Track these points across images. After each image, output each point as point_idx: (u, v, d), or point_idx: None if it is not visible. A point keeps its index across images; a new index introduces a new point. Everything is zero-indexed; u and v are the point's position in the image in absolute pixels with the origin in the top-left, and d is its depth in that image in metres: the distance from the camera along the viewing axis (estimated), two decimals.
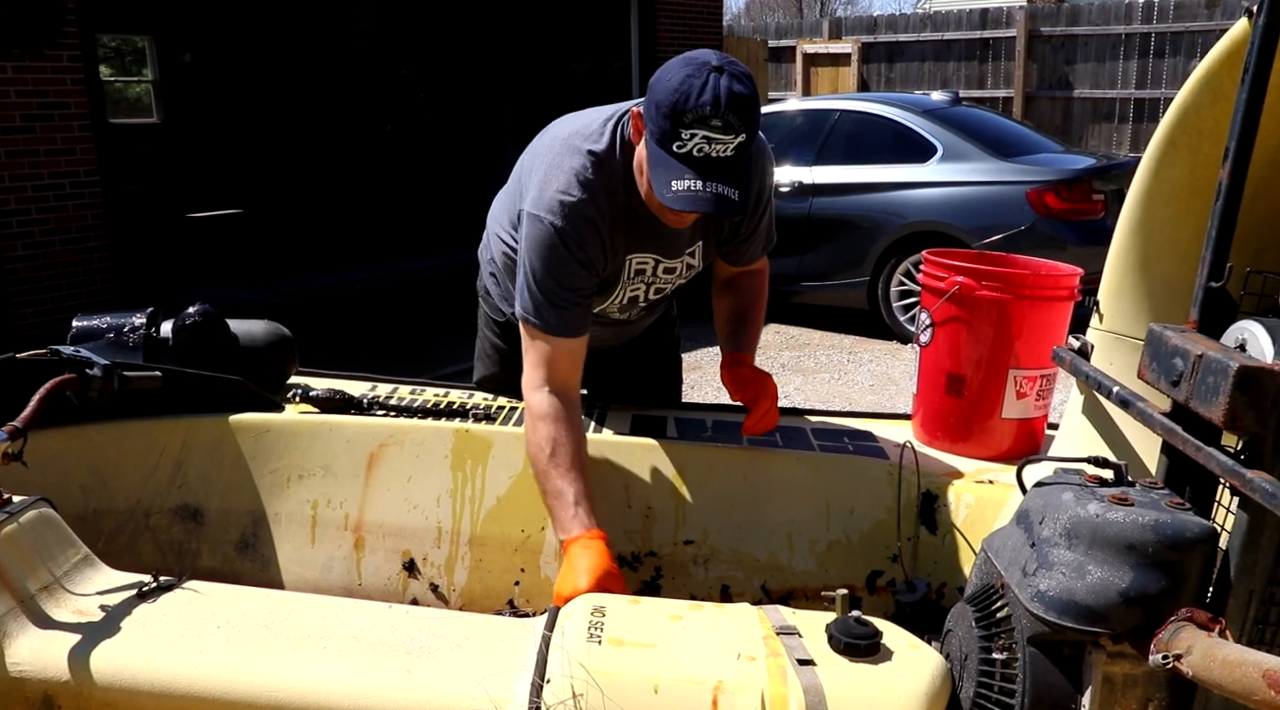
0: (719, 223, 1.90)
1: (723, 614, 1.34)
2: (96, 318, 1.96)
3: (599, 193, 1.73)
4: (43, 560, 1.33)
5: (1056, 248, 6.03)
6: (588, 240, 1.73)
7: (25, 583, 1.28)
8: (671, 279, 1.94)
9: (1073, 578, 1.20)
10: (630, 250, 1.83)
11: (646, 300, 1.97)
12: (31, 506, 1.37)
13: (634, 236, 1.81)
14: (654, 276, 1.91)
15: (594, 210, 1.73)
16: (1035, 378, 1.89)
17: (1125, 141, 12.76)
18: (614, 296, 1.90)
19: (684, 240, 1.88)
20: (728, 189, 1.57)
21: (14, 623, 1.23)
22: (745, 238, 1.97)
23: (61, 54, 6.33)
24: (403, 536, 1.82)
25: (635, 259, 1.85)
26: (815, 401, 5.70)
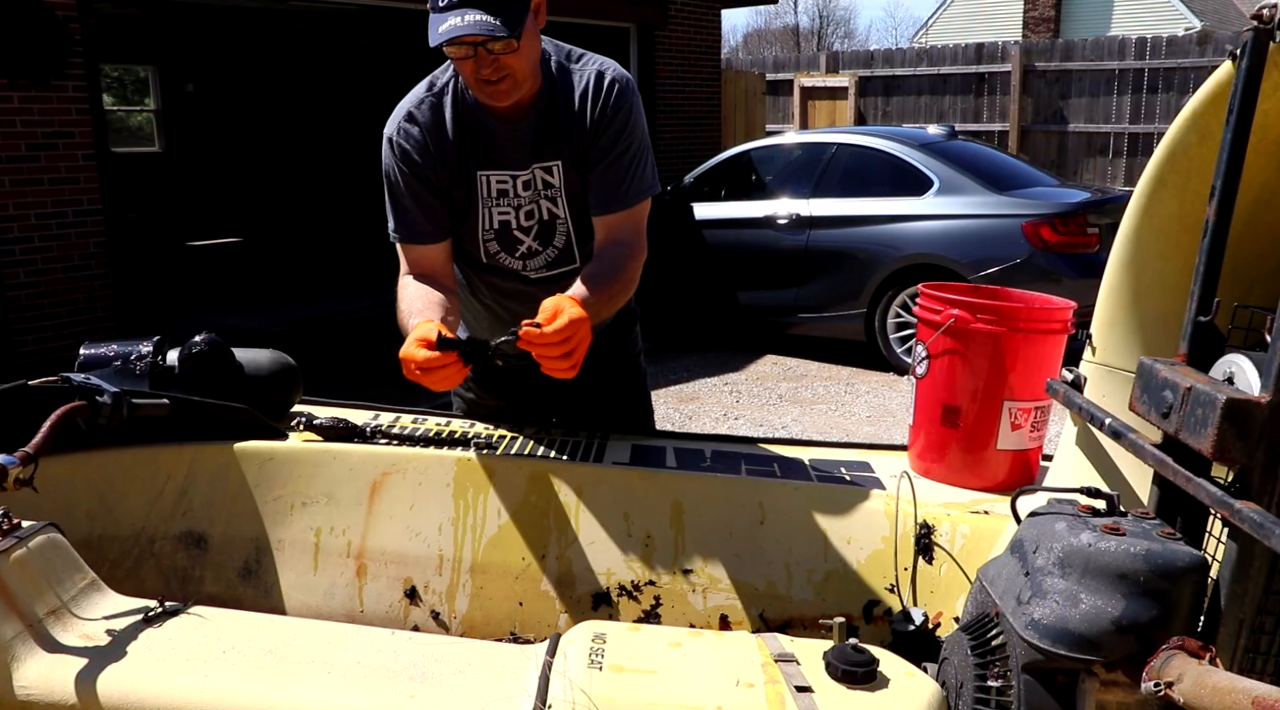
0: (567, 136, 1.94)
1: (722, 641, 1.36)
2: (104, 345, 1.99)
3: (435, 105, 1.93)
4: (51, 585, 1.35)
5: (1052, 280, 6.09)
6: (418, 149, 1.92)
7: (33, 607, 1.30)
8: (536, 201, 1.99)
9: (1066, 606, 1.22)
10: (479, 166, 1.95)
11: (528, 237, 2.02)
12: (40, 531, 1.39)
13: (478, 151, 1.94)
14: (517, 197, 1.98)
15: (428, 118, 1.92)
16: (1030, 409, 1.91)
17: (1119, 175, 12.87)
18: (481, 220, 1.99)
19: (528, 151, 1.95)
20: (482, 14, 1.71)
21: (22, 646, 1.24)
22: (594, 159, 1.95)
23: (67, 84, 6.41)
24: (405, 564, 1.83)
25: (490, 176, 1.96)
26: (813, 432, 5.72)
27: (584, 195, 1.99)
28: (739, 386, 6.73)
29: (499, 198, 1.98)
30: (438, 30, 1.73)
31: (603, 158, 1.95)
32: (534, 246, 2.04)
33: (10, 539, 1.35)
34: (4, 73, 6.14)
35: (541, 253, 2.05)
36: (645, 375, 2.42)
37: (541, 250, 2.05)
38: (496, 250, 2.03)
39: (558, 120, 1.94)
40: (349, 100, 13.09)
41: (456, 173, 1.95)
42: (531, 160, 1.96)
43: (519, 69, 1.82)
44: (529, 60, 1.85)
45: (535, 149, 1.95)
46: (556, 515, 1.84)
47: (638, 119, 1.98)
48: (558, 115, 1.94)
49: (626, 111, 1.95)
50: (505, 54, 1.77)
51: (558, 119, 1.94)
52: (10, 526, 1.37)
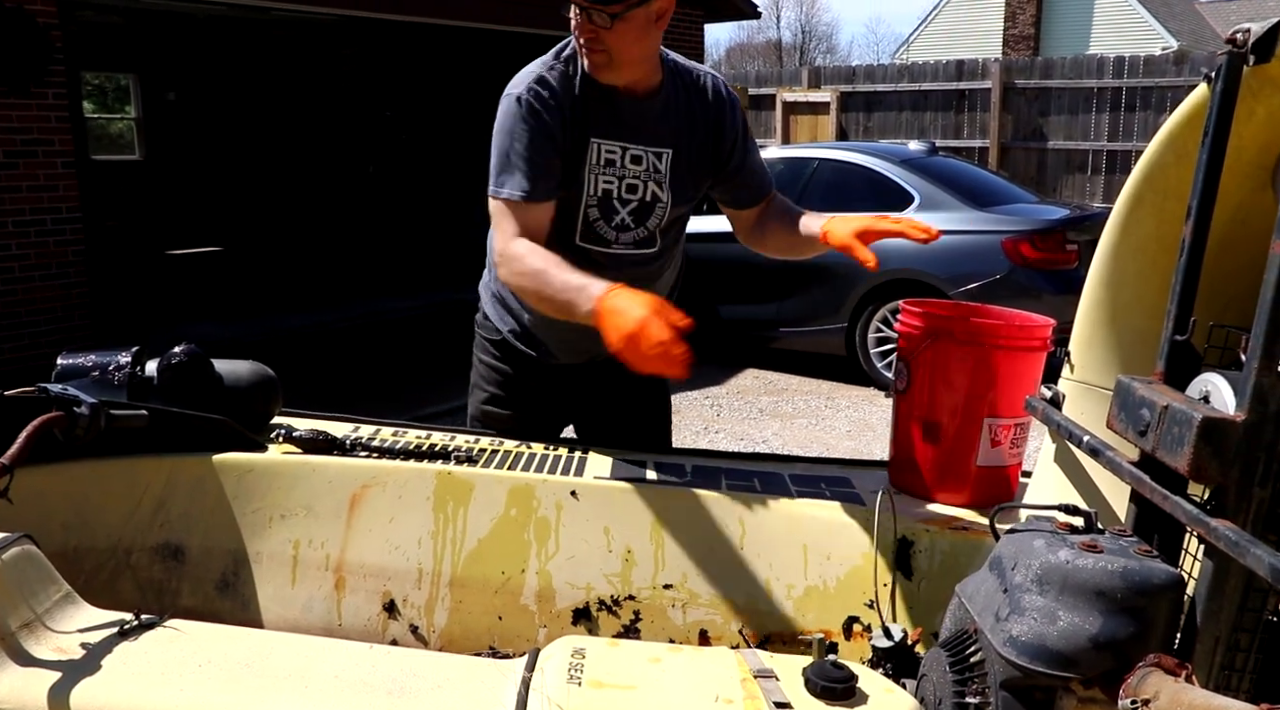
0: (689, 130, 2.11)
1: (701, 657, 1.35)
2: (81, 355, 1.97)
3: (555, 74, 2.01)
4: (24, 597, 1.33)
5: (1031, 296, 6.13)
6: (548, 109, 1.97)
7: (6, 620, 1.28)
8: (643, 179, 2.09)
9: (1044, 623, 1.23)
10: (596, 133, 2.03)
11: (624, 209, 2.09)
12: (14, 543, 1.37)
13: (599, 119, 2.03)
14: (623, 169, 2.06)
15: (558, 82, 2.00)
16: (1010, 426, 1.92)
17: (1098, 192, 12.99)
18: (586, 185, 2.04)
19: (648, 131, 2.07)
20: None
21: None
22: (736, 168, 2.18)
23: (47, 92, 6.37)
24: (383, 577, 1.82)
25: (602, 144, 2.04)
26: (793, 446, 5.73)
27: (686, 187, 2.14)
28: (720, 400, 6.74)
29: (605, 167, 2.05)
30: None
31: (745, 157, 2.18)
32: (628, 221, 2.10)
33: None
34: None
35: (633, 230, 2.11)
36: (668, 387, 2.47)
37: (634, 227, 2.11)
38: (596, 216, 2.08)
39: (684, 113, 2.09)
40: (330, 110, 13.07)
41: (572, 136, 2.01)
42: (652, 141, 2.07)
43: (616, 50, 1.92)
44: (630, 48, 1.94)
45: (655, 131, 2.07)
46: (536, 529, 1.84)
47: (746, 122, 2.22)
48: (684, 109, 2.09)
49: (744, 120, 2.21)
50: (601, 28, 1.89)
51: (684, 112, 2.09)
52: None
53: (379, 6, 8.32)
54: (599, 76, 1.98)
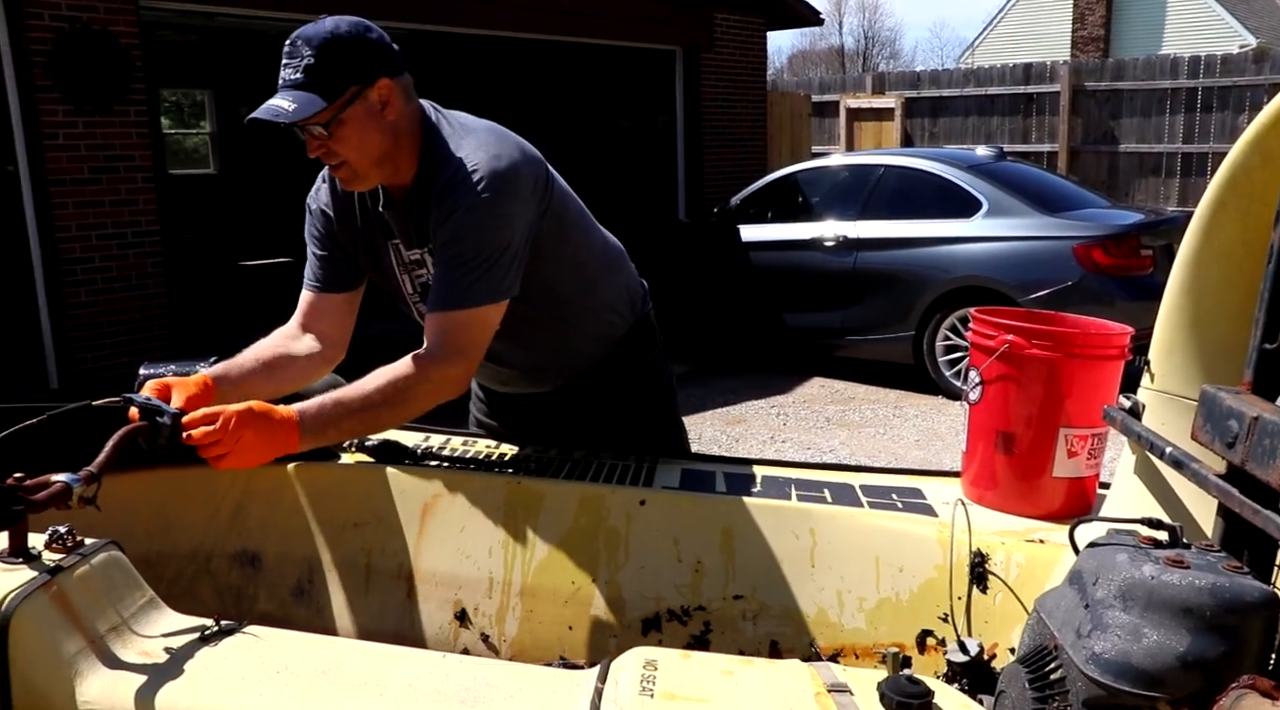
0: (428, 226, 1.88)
1: (774, 670, 1.34)
2: (162, 365, 2.02)
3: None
4: (112, 602, 1.37)
5: (1104, 303, 6.00)
6: (325, 208, 2.02)
7: (96, 623, 1.32)
8: (428, 277, 1.99)
9: (1129, 641, 1.20)
10: (387, 236, 1.98)
11: None
12: (102, 549, 1.42)
13: (382, 224, 1.98)
14: (421, 268, 2.00)
15: (327, 183, 2.01)
16: (1086, 436, 1.88)
17: (1173, 196, 12.67)
18: (402, 284, 2.04)
19: (410, 235, 1.95)
20: (286, 99, 1.75)
21: (85, 662, 1.27)
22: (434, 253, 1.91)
23: (129, 109, 6.57)
24: (455, 586, 1.84)
25: (399, 245, 1.99)
26: (861, 455, 5.67)
27: None
28: (786, 409, 6.70)
29: (413, 266, 2.00)
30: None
31: (436, 253, 1.88)
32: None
33: (74, 556, 1.37)
34: (70, 99, 6.31)
35: None
36: (673, 394, 2.34)
37: None
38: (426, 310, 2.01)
39: (423, 210, 1.89)
40: None
41: (369, 239, 2.00)
42: (416, 243, 1.96)
43: (350, 157, 1.80)
44: (361, 150, 1.80)
45: (417, 233, 1.93)
46: (606, 539, 1.84)
47: (476, 221, 1.81)
48: (424, 207, 1.88)
49: (463, 210, 1.81)
50: (327, 141, 1.78)
51: (423, 209, 1.89)
52: (74, 543, 1.40)
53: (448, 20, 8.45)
54: (353, 187, 1.91)
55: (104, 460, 1.44)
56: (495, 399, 2.31)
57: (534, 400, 2.23)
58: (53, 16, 6.22)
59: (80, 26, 6.31)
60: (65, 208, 6.36)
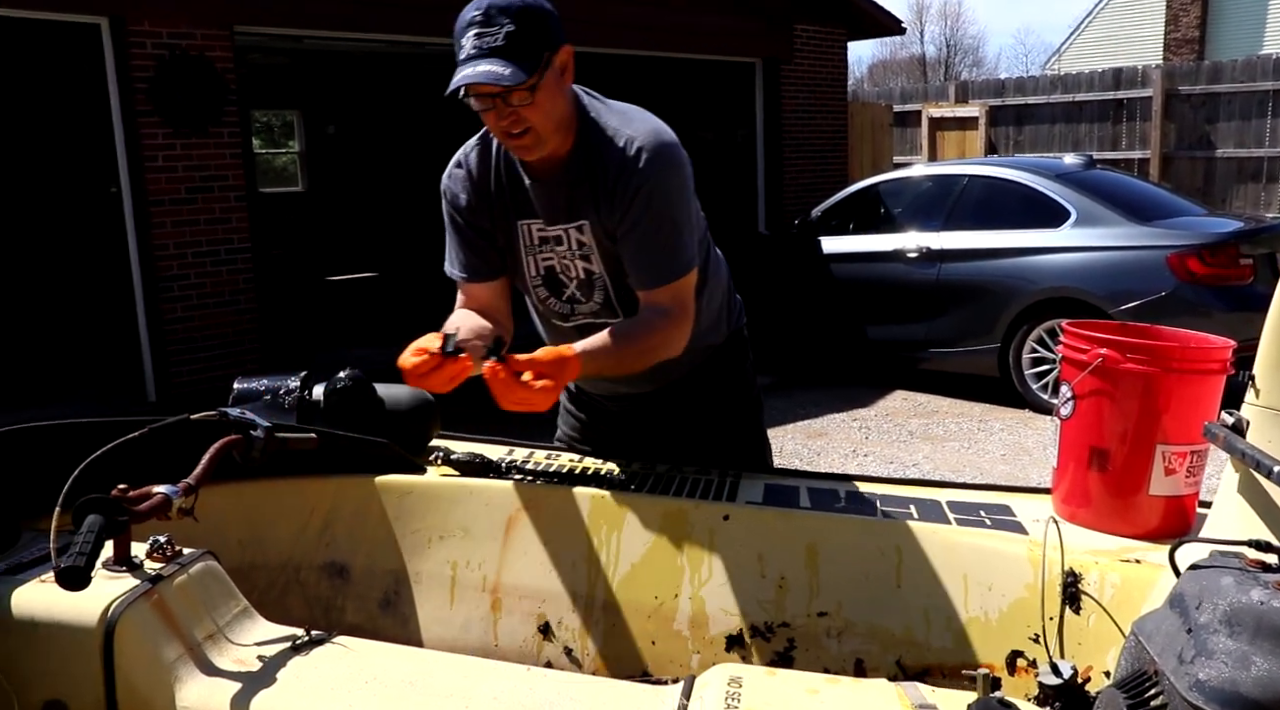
0: (594, 199, 1.92)
1: (860, 689, 1.32)
2: (255, 380, 2.08)
3: (483, 153, 2.01)
4: (208, 610, 1.41)
5: (1201, 315, 5.80)
6: (466, 193, 2.01)
7: (193, 631, 1.36)
8: (569, 257, 2.01)
9: (1236, 669, 1.15)
10: (518, 215, 2.00)
11: (571, 285, 2.05)
12: (199, 559, 1.46)
13: (517, 201, 1.99)
14: (553, 248, 2.02)
15: (475, 165, 2.01)
16: (1185, 453, 1.81)
17: (1274, 202, 12.21)
18: (525, 267, 2.05)
19: (560, 210, 1.96)
20: (497, 64, 1.74)
21: (184, 668, 1.31)
22: (622, 234, 1.92)
23: (223, 131, 6.79)
24: (538, 599, 1.85)
25: (531, 225, 2.01)
26: (945, 470, 5.57)
27: (615, 250, 1.97)
28: (868, 422, 6.61)
29: (541, 245, 2.02)
30: (453, 83, 1.78)
31: (630, 231, 1.90)
32: (577, 295, 2.06)
33: (173, 565, 1.42)
34: (170, 122, 6.56)
35: (585, 303, 2.06)
36: (760, 409, 2.36)
37: (584, 301, 2.06)
38: (546, 295, 2.08)
39: (589, 182, 1.92)
40: None
41: (499, 220, 2.02)
42: (564, 218, 1.96)
43: (539, 124, 1.83)
44: (549, 116, 1.84)
45: (567, 208, 1.95)
46: (689, 554, 1.84)
47: (670, 190, 1.90)
48: (590, 177, 1.91)
49: (659, 180, 1.88)
50: (523, 107, 1.79)
51: (589, 181, 1.92)
52: (173, 553, 1.45)
53: None
54: (531, 157, 1.90)
55: (201, 472, 1.49)
56: (586, 403, 2.31)
57: (626, 403, 2.24)
58: (154, 44, 6.48)
59: (179, 53, 6.56)
60: (164, 227, 6.60)
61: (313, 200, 14.28)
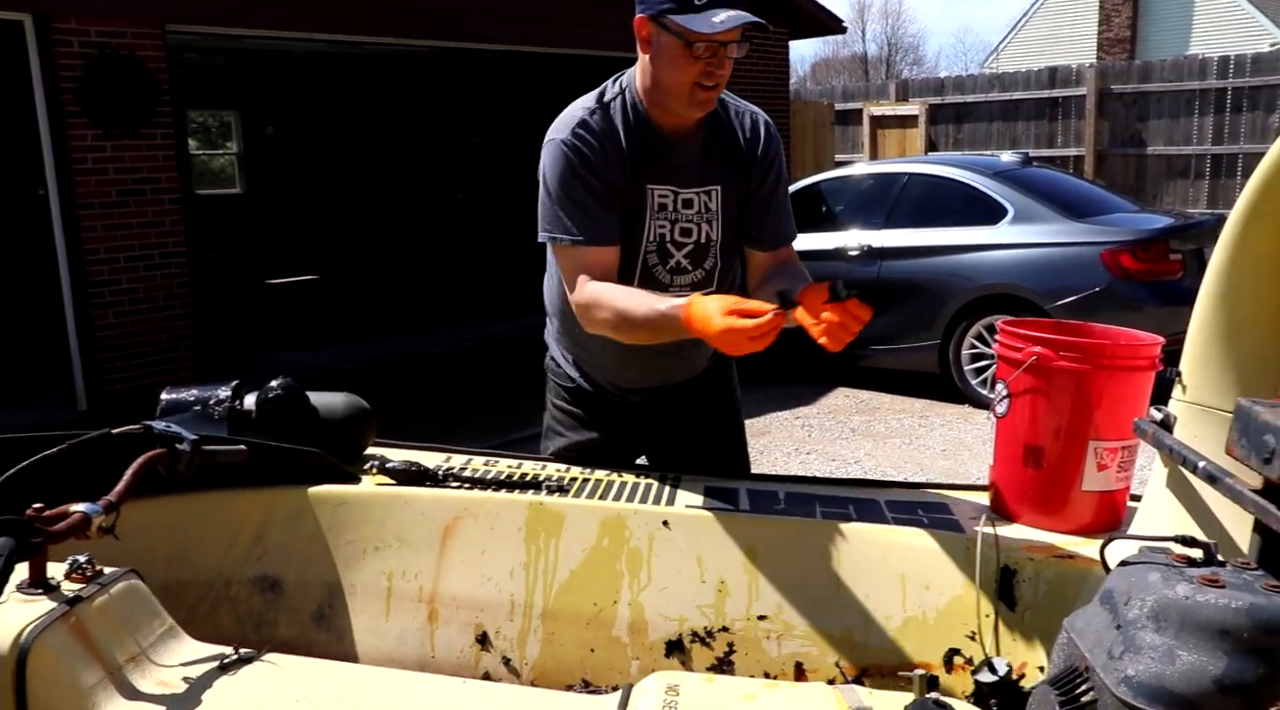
0: (731, 165, 2.06)
1: (798, 693, 1.32)
2: (184, 391, 2.03)
3: (606, 115, 1.98)
4: (130, 631, 1.36)
5: (1133, 309, 5.92)
6: (595, 153, 1.94)
7: (114, 654, 1.31)
8: (696, 221, 2.06)
9: (1163, 663, 1.16)
10: (648, 178, 2.00)
11: (679, 252, 2.07)
12: (121, 578, 1.41)
13: (648, 163, 1.99)
14: (675, 213, 2.04)
15: (601, 126, 1.96)
16: (1116, 449, 1.84)
17: (1202, 198, 12.52)
18: (646, 231, 2.03)
19: (696, 173, 2.04)
20: (750, 14, 1.83)
21: (103, 693, 1.26)
22: (761, 198, 2.10)
23: (155, 132, 6.64)
24: (476, 609, 1.82)
25: (655, 190, 2.01)
26: (886, 466, 5.62)
27: (736, 224, 2.10)
28: (810, 420, 6.66)
29: (659, 211, 2.04)
30: (712, 21, 1.81)
31: (770, 196, 2.11)
32: (684, 264, 2.09)
33: (93, 586, 1.37)
34: (99, 123, 6.39)
35: (690, 272, 2.10)
36: (740, 411, 2.43)
37: (690, 270, 2.10)
38: (655, 262, 2.07)
39: (725, 148, 2.06)
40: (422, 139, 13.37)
41: (629, 183, 2.00)
42: (700, 181, 2.05)
43: (724, 81, 1.93)
44: (727, 77, 1.94)
45: (703, 171, 2.05)
46: (629, 560, 1.82)
47: (785, 159, 2.17)
48: (725, 143, 2.06)
49: (782, 152, 2.14)
50: (730, 61, 1.90)
51: (725, 147, 2.06)
52: (93, 573, 1.40)
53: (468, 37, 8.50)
54: (706, 110, 1.97)
55: (124, 489, 1.44)
56: (594, 402, 2.27)
57: (650, 394, 2.25)
58: (82, 43, 6.31)
59: (109, 52, 6.40)
60: (94, 231, 6.43)
61: (251, 202, 14.05)
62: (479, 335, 9.38)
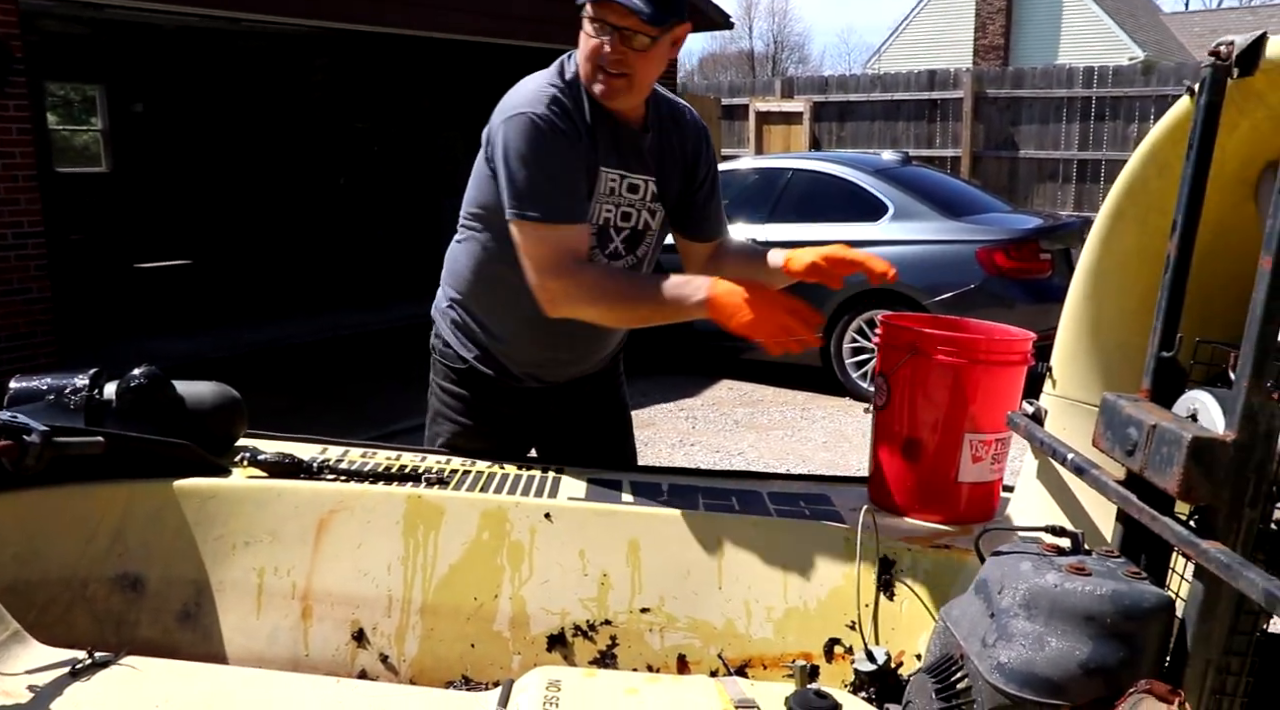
0: (673, 160, 2.10)
1: (680, 687, 1.31)
2: (36, 379, 1.90)
3: (573, 92, 1.95)
4: None
5: (1005, 306, 6.14)
6: (570, 128, 1.90)
7: None
8: (638, 208, 2.07)
9: (1032, 649, 1.20)
10: (602, 160, 1.99)
11: (617, 237, 2.08)
12: None
13: (604, 145, 1.98)
14: (620, 197, 2.04)
15: (569, 103, 1.93)
16: (991, 441, 1.89)
17: (1069, 201, 13.09)
18: (592, 213, 2.00)
19: (643, 161, 2.05)
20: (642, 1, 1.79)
21: None
22: (704, 195, 2.17)
23: (8, 103, 6.25)
24: (352, 605, 1.76)
25: (607, 173, 2.01)
26: (769, 458, 5.71)
27: (661, 209, 2.13)
28: (695, 412, 6.71)
29: (608, 195, 2.03)
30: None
31: (711, 192, 2.18)
32: (620, 249, 2.09)
33: None
34: None
35: (624, 257, 2.10)
36: (628, 407, 2.45)
37: (624, 255, 2.10)
38: (593, 245, 2.03)
39: (671, 144, 2.10)
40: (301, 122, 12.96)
41: (586, 165, 1.97)
42: (644, 169, 2.05)
43: (640, 74, 1.90)
44: (648, 75, 1.93)
45: (649, 161, 2.06)
46: (510, 553, 1.79)
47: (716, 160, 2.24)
48: (671, 140, 2.10)
49: (714, 157, 2.21)
50: (637, 52, 1.86)
51: (671, 143, 2.10)
52: None
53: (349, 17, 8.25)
54: (610, 101, 1.94)
55: None
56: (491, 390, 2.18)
57: (538, 395, 2.21)
58: None
59: None
60: None
61: (119, 182, 13.38)
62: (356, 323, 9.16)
